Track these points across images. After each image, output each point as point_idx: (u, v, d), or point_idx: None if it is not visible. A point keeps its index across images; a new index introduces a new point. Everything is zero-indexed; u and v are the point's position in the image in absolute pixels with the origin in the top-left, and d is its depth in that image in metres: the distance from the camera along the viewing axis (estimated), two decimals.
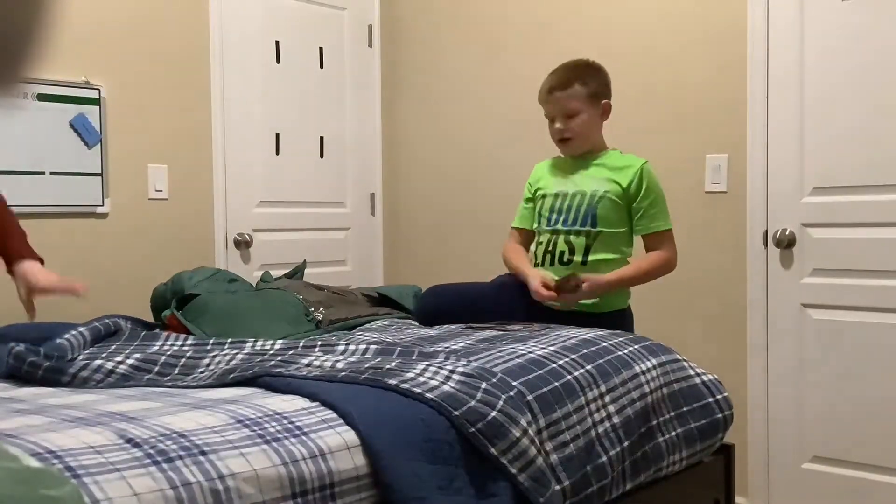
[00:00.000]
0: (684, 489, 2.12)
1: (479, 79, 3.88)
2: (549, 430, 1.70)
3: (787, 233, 2.99)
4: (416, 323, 2.55)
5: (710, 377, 2.19)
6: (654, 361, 2.06)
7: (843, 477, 2.91)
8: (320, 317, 2.51)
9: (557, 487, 1.62)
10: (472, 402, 1.56)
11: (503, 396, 1.62)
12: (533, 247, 2.61)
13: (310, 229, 3.89)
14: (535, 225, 2.58)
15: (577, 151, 2.54)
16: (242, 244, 3.61)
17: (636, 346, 2.08)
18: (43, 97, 3.02)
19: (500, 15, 3.79)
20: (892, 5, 2.78)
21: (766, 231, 3.05)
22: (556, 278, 2.41)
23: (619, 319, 2.48)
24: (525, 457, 1.56)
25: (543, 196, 2.56)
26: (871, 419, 2.85)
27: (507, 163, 3.80)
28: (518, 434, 1.57)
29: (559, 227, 2.49)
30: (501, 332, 2.20)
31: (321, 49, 3.91)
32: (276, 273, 3.21)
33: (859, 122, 2.84)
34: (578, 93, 2.48)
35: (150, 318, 2.74)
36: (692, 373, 2.14)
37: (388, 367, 1.70)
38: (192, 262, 3.47)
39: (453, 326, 2.39)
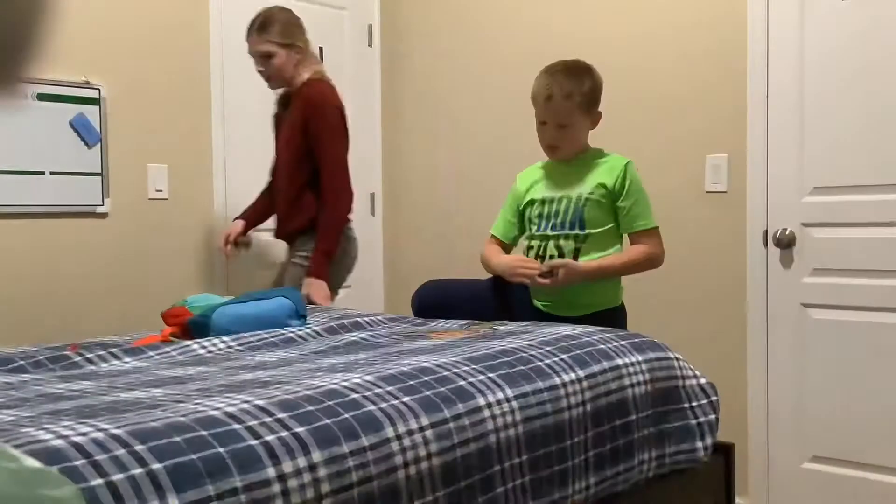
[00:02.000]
0: (683, 489, 2.12)
1: (479, 79, 3.88)
2: (518, 400, 1.68)
3: (787, 233, 2.99)
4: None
5: (697, 381, 2.13)
6: (640, 357, 2.04)
7: (843, 477, 2.91)
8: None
9: None
10: None
11: None
12: (522, 253, 2.60)
13: None
14: (526, 231, 2.59)
15: (564, 158, 2.56)
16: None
17: (622, 342, 2.07)
18: (43, 97, 3.02)
19: (501, 15, 3.79)
20: (892, 5, 2.78)
21: (766, 231, 3.05)
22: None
23: (612, 317, 2.50)
24: None
25: (532, 202, 2.57)
26: (871, 419, 2.85)
27: (507, 163, 3.80)
28: None
29: (548, 231, 2.50)
30: (484, 332, 2.20)
31: (321, 49, 3.91)
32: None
33: (859, 123, 2.85)
34: (577, 104, 2.45)
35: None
36: (678, 374, 2.12)
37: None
38: (191, 262, 3.48)
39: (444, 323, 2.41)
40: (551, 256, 2.49)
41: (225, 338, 2.13)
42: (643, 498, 1.96)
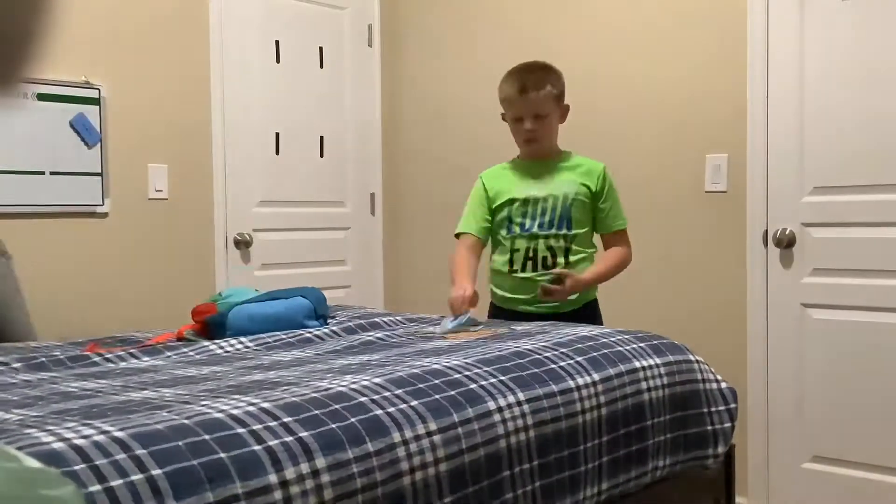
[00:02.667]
0: (684, 489, 2.11)
1: (479, 78, 3.88)
2: (530, 404, 1.66)
3: (787, 232, 2.99)
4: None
5: (718, 386, 2.11)
6: (659, 360, 2.01)
7: (843, 477, 2.91)
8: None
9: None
10: None
11: None
12: (506, 255, 2.58)
13: (310, 229, 3.89)
14: (504, 231, 2.58)
15: (540, 153, 2.60)
16: (242, 244, 3.61)
17: (640, 344, 2.04)
18: (43, 97, 3.02)
19: (500, 15, 3.79)
20: (892, 5, 2.78)
21: (766, 231, 3.05)
22: (541, 279, 2.49)
23: (592, 311, 2.61)
24: None
25: (511, 202, 2.57)
26: (871, 419, 2.85)
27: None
28: None
29: (536, 231, 2.52)
30: (505, 331, 2.20)
31: (321, 49, 3.91)
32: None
33: (859, 122, 2.84)
34: (550, 94, 2.54)
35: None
36: (699, 377, 2.09)
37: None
38: (192, 262, 3.47)
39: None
40: (544, 257, 2.51)
41: (243, 338, 2.14)
42: (643, 498, 1.96)
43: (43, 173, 3.03)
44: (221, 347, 2.07)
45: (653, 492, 1.99)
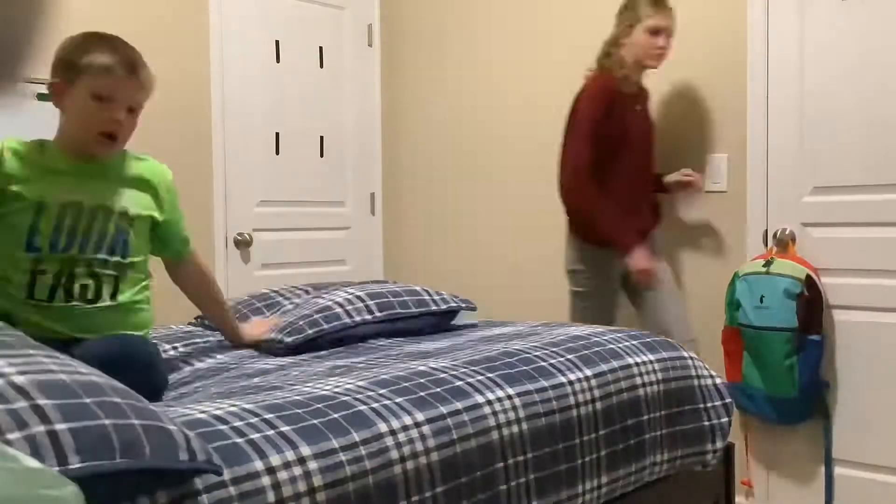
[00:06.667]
0: (683, 489, 2.11)
1: (478, 78, 3.88)
2: (521, 398, 1.67)
3: (787, 233, 2.99)
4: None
5: (712, 381, 2.13)
6: (652, 357, 2.02)
7: (843, 477, 2.91)
8: None
9: None
10: None
11: None
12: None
13: (310, 229, 3.89)
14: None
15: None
16: (242, 244, 3.61)
17: (633, 342, 2.06)
18: (43, 97, 3.02)
19: (500, 14, 3.79)
20: (892, 5, 2.78)
21: (766, 231, 3.05)
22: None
23: None
24: None
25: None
26: (870, 419, 2.85)
27: (507, 162, 3.80)
28: None
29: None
30: (497, 334, 2.20)
31: (321, 49, 3.91)
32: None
33: (859, 122, 2.84)
34: None
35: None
36: (693, 373, 2.11)
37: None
38: None
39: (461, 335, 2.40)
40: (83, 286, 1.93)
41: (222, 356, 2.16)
42: (643, 497, 1.96)
43: None
44: (202, 361, 2.09)
45: (652, 491, 1.99)
